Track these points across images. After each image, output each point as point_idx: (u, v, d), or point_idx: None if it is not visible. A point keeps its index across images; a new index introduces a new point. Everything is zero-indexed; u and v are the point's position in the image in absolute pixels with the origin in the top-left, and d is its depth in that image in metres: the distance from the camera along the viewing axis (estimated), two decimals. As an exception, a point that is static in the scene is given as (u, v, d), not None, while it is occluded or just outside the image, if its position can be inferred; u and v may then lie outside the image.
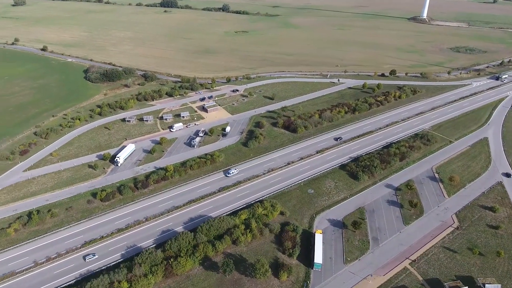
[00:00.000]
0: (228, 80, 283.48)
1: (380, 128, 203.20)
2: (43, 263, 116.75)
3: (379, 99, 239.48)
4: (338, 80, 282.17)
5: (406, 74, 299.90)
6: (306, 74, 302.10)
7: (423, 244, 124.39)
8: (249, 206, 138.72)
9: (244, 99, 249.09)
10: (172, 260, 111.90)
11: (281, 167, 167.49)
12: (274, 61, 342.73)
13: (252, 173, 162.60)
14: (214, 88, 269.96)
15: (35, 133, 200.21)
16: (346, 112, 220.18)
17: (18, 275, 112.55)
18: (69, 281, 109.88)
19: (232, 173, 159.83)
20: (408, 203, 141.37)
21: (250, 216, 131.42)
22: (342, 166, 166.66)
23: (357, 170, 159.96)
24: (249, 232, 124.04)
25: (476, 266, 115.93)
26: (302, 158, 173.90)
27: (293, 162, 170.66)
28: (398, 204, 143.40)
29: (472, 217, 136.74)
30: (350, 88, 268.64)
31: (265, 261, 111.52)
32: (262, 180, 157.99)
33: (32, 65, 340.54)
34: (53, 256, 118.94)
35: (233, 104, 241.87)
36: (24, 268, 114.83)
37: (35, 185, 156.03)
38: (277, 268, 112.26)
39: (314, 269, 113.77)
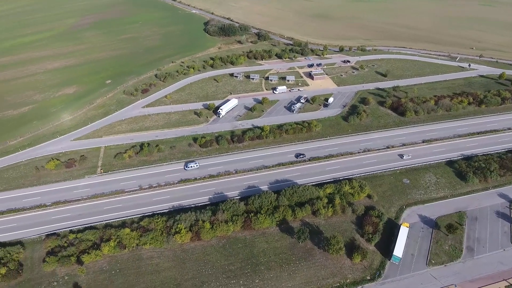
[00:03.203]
0: (341, 49, 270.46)
1: (509, 129, 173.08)
2: (145, 189, 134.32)
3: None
4: (469, 65, 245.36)
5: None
6: (430, 54, 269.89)
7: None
8: (336, 181, 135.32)
9: (354, 72, 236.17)
10: (252, 214, 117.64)
11: (379, 149, 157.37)
12: (395, 35, 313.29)
13: (347, 149, 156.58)
14: (325, 55, 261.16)
15: (155, 75, 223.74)
16: (469, 103, 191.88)
17: (126, 193, 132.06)
18: (163, 209, 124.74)
19: (191, 167, 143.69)
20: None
21: (335, 192, 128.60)
22: (450, 163, 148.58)
23: (467, 170, 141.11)
24: (331, 207, 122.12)
25: None
26: (404, 145, 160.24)
27: (393, 147, 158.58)
28: (509, 219, 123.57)
29: None
30: (481, 76, 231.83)
31: (341, 239, 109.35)
32: (355, 158, 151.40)
33: (163, 13, 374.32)
34: (154, 185, 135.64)
35: (341, 75, 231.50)
36: (131, 189, 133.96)
37: (149, 121, 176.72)
38: (351, 249, 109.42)
39: (391, 261, 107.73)
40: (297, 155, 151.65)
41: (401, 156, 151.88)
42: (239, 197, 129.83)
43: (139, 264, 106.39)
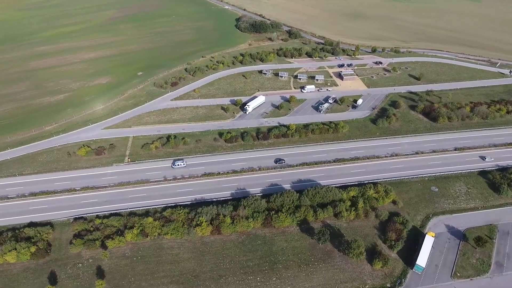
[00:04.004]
0: (374, 50, 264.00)
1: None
2: (170, 180, 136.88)
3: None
4: (510, 72, 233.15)
5: None
6: (468, 58, 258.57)
7: None
8: (361, 184, 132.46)
9: (385, 74, 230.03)
10: (273, 212, 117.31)
11: (407, 154, 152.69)
12: (432, 37, 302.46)
13: (373, 152, 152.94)
14: (356, 56, 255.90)
15: (185, 69, 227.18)
16: (508, 112, 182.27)
17: (151, 183, 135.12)
18: (186, 201, 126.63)
19: (178, 165, 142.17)
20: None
21: (359, 195, 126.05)
22: (483, 173, 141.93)
23: (501, 181, 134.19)
24: (353, 210, 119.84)
25: None
26: (434, 151, 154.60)
27: (422, 153, 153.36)
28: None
29: None
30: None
31: (362, 243, 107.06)
32: (382, 162, 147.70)
33: (196, 8, 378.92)
34: (178, 177, 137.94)
35: (372, 76, 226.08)
36: (156, 179, 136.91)
37: (177, 114, 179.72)
38: (372, 254, 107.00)
39: (413, 270, 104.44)
40: (276, 161, 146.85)
41: (483, 158, 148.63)
42: (261, 194, 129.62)
43: (160, 253, 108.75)
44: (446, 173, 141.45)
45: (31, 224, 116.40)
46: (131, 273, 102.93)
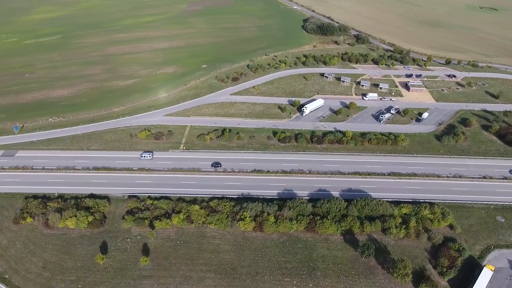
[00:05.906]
0: (448, 62, 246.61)
1: None
2: (220, 172, 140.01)
3: None
4: None
5: None
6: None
7: None
8: (415, 202, 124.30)
9: (458, 88, 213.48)
10: (318, 218, 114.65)
11: (473, 177, 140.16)
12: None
13: (434, 171, 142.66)
14: (427, 67, 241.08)
15: (247, 66, 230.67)
16: None
17: (201, 173, 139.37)
18: (232, 195, 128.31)
19: (144, 157, 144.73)
20: None
21: (412, 213, 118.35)
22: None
23: None
24: (404, 228, 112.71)
25: None
26: (506, 178, 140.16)
27: (491, 178, 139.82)
28: None
29: None
30: None
31: (410, 264, 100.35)
32: (442, 182, 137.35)
33: (264, 6, 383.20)
34: (229, 170, 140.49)
35: (443, 90, 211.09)
36: (206, 170, 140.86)
37: (234, 108, 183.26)
38: (419, 278, 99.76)
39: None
40: (213, 164, 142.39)
41: None
42: (308, 197, 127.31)
43: (202, 241, 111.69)
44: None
45: (91, 196, 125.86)
46: (173, 255, 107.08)
